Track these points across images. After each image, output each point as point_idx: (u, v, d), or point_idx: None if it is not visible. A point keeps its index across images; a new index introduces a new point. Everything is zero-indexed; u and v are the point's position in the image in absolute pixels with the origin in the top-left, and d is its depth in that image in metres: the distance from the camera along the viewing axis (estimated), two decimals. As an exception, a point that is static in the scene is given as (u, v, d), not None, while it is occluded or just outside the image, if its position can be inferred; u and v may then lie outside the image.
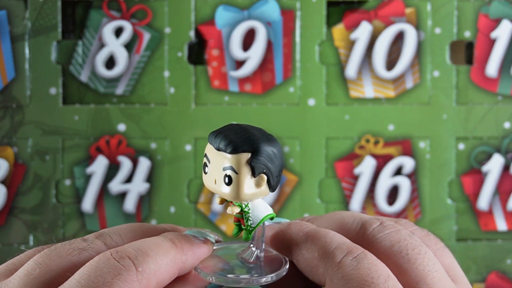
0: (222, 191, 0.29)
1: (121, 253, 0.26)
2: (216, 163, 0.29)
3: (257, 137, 0.28)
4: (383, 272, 0.27)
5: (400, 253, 0.29)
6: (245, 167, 0.28)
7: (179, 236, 0.29)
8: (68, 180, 0.65)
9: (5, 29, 0.63)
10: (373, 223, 0.30)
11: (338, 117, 0.65)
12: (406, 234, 0.30)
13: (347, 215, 0.32)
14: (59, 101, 0.64)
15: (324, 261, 0.28)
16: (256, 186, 0.28)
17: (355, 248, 0.28)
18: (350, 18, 0.65)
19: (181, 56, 0.65)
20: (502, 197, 0.66)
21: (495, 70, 0.66)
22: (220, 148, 0.28)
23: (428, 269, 0.28)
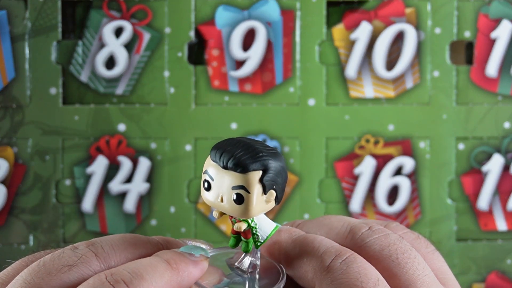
0: (231, 210, 0.28)
1: (116, 276, 0.25)
2: (222, 181, 0.28)
3: (264, 153, 0.28)
4: (373, 276, 0.27)
5: (390, 257, 0.28)
6: (256, 185, 0.28)
7: (174, 256, 0.28)
8: (68, 180, 0.65)
9: (5, 29, 0.63)
10: (362, 228, 0.30)
11: (338, 117, 0.65)
12: (395, 238, 0.29)
13: (335, 220, 0.32)
14: (59, 101, 0.64)
15: (312, 267, 0.28)
16: (266, 202, 0.28)
17: (344, 251, 0.28)
18: (350, 18, 0.65)
19: (181, 56, 0.65)
20: (502, 197, 0.66)
21: (495, 70, 0.66)
22: (229, 167, 0.27)
23: (418, 273, 0.28)
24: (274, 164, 0.28)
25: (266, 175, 0.28)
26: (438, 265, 0.31)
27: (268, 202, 0.28)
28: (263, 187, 0.28)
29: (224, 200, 0.28)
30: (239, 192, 0.28)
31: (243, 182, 0.27)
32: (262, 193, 0.28)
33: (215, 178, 0.28)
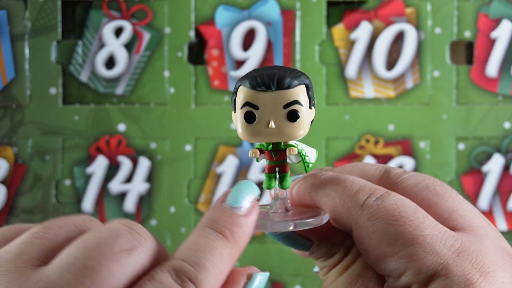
0: (284, 131, 0.27)
1: (181, 274, 0.24)
2: (271, 104, 0.27)
3: (298, 70, 0.28)
4: (410, 205, 0.26)
5: (427, 188, 0.28)
6: (306, 98, 0.28)
7: (227, 222, 0.26)
8: (68, 180, 0.64)
9: (5, 29, 0.63)
10: (396, 169, 0.30)
11: (338, 117, 0.65)
12: (428, 176, 0.29)
13: (368, 165, 0.31)
14: (59, 101, 0.64)
15: (347, 207, 0.27)
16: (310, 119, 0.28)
17: (378, 189, 0.27)
18: (350, 18, 0.65)
19: (181, 56, 0.65)
20: (502, 197, 0.66)
21: (495, 70, 0.66)
22: (277, 85, 0.27)
23: (458, 201, 0.28)
24: (309, 80, 0.28)
25: (309, 89, 0.28)
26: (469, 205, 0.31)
27: (311, 117, 0.28)
28: (309, 100, 0.28)
29: (277, 124, 0.27)
30: (293, 108, 0.27)
31: (295, 97, 0.27)
32: (309, 108, 0.28)
33: (260, 105, 0.27)
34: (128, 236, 0.25)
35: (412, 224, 0.26)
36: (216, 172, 0.65)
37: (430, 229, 0.26)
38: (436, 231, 0.26)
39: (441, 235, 0.26)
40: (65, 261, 0.23)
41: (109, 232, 0.24)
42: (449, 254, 0.25)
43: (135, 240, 0.25)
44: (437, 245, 0.25)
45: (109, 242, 0.24)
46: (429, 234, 0.26)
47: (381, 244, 0.26)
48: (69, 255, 0.23)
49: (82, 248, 0.24)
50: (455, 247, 0.25)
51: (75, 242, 0.24)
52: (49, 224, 0.25)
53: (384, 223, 0.26)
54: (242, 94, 0.28)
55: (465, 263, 0.25)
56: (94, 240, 0.24)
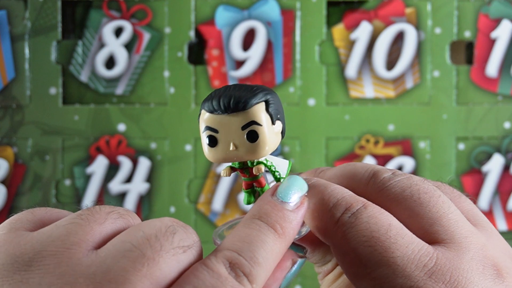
0: (246, 152, 0.27)
1: (236, 268, 0.24)
2: (229, 127, 0.27)
3: (258, 87, 0.28)
4: (384, 222, 0.26)
5: (412, 197, 0.27)
6: (265, 117, 0.27)
7: (278, 216, 0.26)
8: (68, 180, 0.65)
9: (5, 29, 0.63)
10: (385, 172, 0.29)
11: (338, 117, 0.65)
12: (417, 179, 0.28)
13: (360, 165, 0.30)
14: (59, 101, 0.64)
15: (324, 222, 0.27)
16: (276, 134, 0.28)
17: (355, 203, 0.27)
18: (350, 18, 0.65)
19: (181, 56, 0.65)
20: (502, 197, 0.66)
21: (495, 70, 0.66)
22: (232, 108, 0.27)
23: (443, 211, 0.27)
24: (271, 95, 0.28)
25: (270, 105, 0.27)
26: (467, 208, 0.30)
27: (278, 133, 0.28)
28: (270, 117, 0.27)
29: (238, 146, 0.27)
30: (251, 129, 0.27)
31: (252, 117, 0.27)
32: (271, 124, 0.28)
33: (219, 128, 0.27)
34: (184, 234, 0.25)
35: (382, 245, 0.25)
36: (216, 172, 0.65)
37: (402, 250, 0.25)
38: (409, 251, 0.25)
39: (414, 255, 0.25)
40: (121, 247, 0.23)
41: (165, 226, 0.24)
42: (420, 276, 0.24)
43: (190, 239, 0.25)
44: (408, 266, 0.25)
45: (168, 236, 0.24)
46: (399, 255, 0.25)
47: (354, 264, 0.26)
48: (126, 242, 0.23)
49: (140, 237, 0.23)
50: (428, 267, 0.25)
51: (129, 230, 0.24)
52: (94, 208, 0.25)
53: (356, 243, 0.25)
54: (203, 118, 0.28)
55: (437, 284, 0.24)
56: (152, 231, 0.24)
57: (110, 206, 0.26)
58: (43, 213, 0.26)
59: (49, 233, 0.23)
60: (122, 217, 0.26)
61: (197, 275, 0.23)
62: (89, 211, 0.25)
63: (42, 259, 0.22)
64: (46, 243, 0.23)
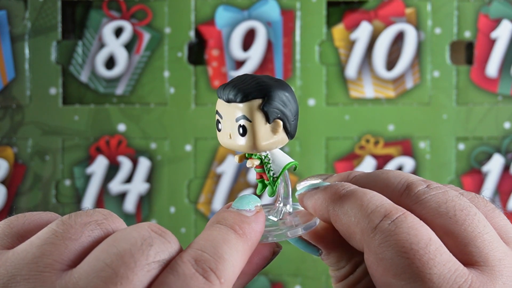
0: (238, 143, 0.27)
1: (202, 264, 0.24)
2: (228, 116, 0.27)
3: (266, 82, 0.27)
4: (424, 236, 0.25)
5: (447, 214, 0.26)
6: (258, 114, 0.27)
7: (236, 220, 0.27)
8: (68, 180, 0.64)
9: (5, 29, 0.63)
10: (420, 185, 0.28)
11: (338, 117, 0.65)
12: (453, 195, 0.27)
13: (393, 175, 0.29)
14: (59, 101, 0.64)
15: (360, 228, 0.26)
16: (272, 133, 0.27)
17: (395, 211, 0.26)
18: (350, 18, 0.65)
19: (181, 56, 0.65)
20: (502, 197, 0.66)
21: (495, 70, 0.66)
22: (230, 99, 0.27)
23: (478, 231, 0.26)
24: (277, 92, 0.27)
25: (267, 102, 0.27)
26: (500, 224, 0.29)
27: (276, 132, 0.28)
28: (265, 115, 0.27)
29: (232, 136, 0.27)
30: (242, 123, 0.27)
31: (243, 111, 0.27)
32: (265, 122, 0.27)
33: (223, 115, 0.28)
34: (161, 245, 0.24)
35: (421, 259, 0.25)
36: (216, 172, 0.65)
37: (439, 267, 0.25)
38: (446, 270, 0.25)
39: (450, 275, 0.25)
40: (94, 267, 0.23)
41: (142, 239, 0.24)
42: None
43: (167, 250, 0.24)
44: (443, 286, 0.24)
45: (144, 250, 0.23)
46: (436, 273, 0.24)
47: (388, 273, 0.25)
48: (99, 260, 0.23)
49: (114, 254, 0.23)
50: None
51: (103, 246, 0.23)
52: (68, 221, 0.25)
53: (394, 253, 0.25)
54: (217, 102, 0.28)
55: None
56: (126, 246, 0.23)
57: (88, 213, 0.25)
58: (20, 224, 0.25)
59: (23, 254, 0.23)
60: (100, 226, 0.25)
61: (165, 281, 0.23)
62: (64, 226, 0.24)
63: (16, 284, 0.22)
64: (20, 267, 0.22)
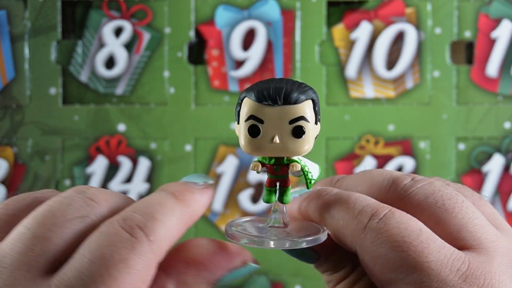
0: (289, 146, 0.27)
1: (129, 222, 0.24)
2: (276, 119, 0.27)
3: (305, 84, 0.27)
4: (414, 227, 0.26)
5: (436, 204, 0.27)
6: (311, 114, 0.27)
7: (179, 187, 0.26)
8: (68, 180, 0.64)
9: (5, 29, 0.63)
10: (405, 179, 0.29)
11: (338, 117, 0.65)
12: (439, 185, 0.28)
13: (377, 173, 0.30)
14: (59, 101, 0.64)
15: (350, 230, 0.27)
16: (315, 135, 0.28)
17: (381, 209, 0.26)
18: (350, 18, 0.65)
19: (181, 56, 0.65)
20: (502, 197, 0.66)
21: (495, 70, 0.66)
22: (283, 101, 0.26)
23: (469, 217, 0.27)
24: (316, 95, 0.28)
25: (316, 104, 0.28)
26: (488, 211, 0.29)
27: (317, 133, 0.28)
28: (315, 116, 0.28)
29: (281, 139, 0.27)
30: (298, 125, 0.27)
31: (301, 112, 0.27)
32: (315, 123, 0.28)
33: (265, 119, 0.27)
34: (81, 202, 0.25)
35: (415, 250, 0.25)
36: (216, 172, 0.65)
37: (435, 254, 0.25)
38: (442, 255, 0.25)
39: (447, 260, 0.25)
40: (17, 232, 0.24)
41: (61, 200, 0.25)
42: (455, 279, 0.24)
43: (87, 206, 0.25)
44: (443, 271, 0.25)
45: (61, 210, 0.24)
46: (433, 259, 0.25)
47: (386, 269, 0.25)
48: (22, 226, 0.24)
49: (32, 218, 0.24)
50: (462, 271, 0.25)
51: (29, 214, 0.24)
52: (8, 200, 0.26)
53: (387, 248, 0.25)
54: (247, 107, 0.27)
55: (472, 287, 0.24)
56: (45, 209, 0.24)
57: (29, 192, 0.26)
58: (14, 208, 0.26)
59: None
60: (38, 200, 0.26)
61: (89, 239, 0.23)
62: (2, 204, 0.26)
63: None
64: None
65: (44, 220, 0.24)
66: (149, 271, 0.23)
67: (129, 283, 0.23)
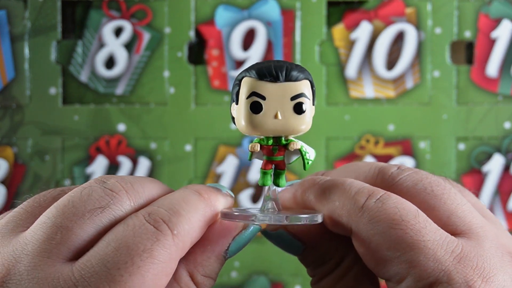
0: (291, 122, 0.27)
1: (154, 216, 0.24)
2: (278, 95, 0.27)
3: (301, 66, 0.28)
4: (412, 208, 0.26)
5: (425, 190, 0.28)
6: (310, 94, 0.28)
7: (204, 187, 0.28)
8: (68, 180, 0.65)
9: (5, 29, 0.63)
10: (391, 168, 0.29)
11: (338, 117, 0.65)
12: (426, 173, 0.29)
13: (362, 164, 0.30)
14: (59, 101, 0.64)
15: (346, 209, 0.27)
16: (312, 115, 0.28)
17: (377, 191, 0.27)
18: (350, 18, 0.65)
19: (181, 56, 0.65)
20: (502, 197, 0.66)
21: (495, 70, 0.66)
22: (286, 77, 0.27)
23: (457, 203, 0.27)
24: (311, 77, 0.28)
25: (313, 85, 0.28)
26: (472, 201, 0.30)
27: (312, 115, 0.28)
28: (313, 97, 0.28)
29: (282, 115, 0.27)
30: (300, 101, 0.27)
31: (302, 89, 0.27)
32: (311, 104, 0.28)
33: (267, 95, 0.27)
34: (101, 193, 0.25)
35: (413, 228, 0.25)
36: (216, 172, 0.65)
37: (431, 235, 0.25)
38: (437, 237, 0.25)
39: (442, 241, 0.25)
40: (39, 221, 0.25)
41: (81, 191, 0.26)
42: (450, 260, 0.25)
43: (107, 196, 0.25)
44: (439, 251, 0.25)
45: (82, 200, 0.25)
46: (430, 239, 0.25)
47: (382, 247, 0.26)
48: (44, 216, 0.25)
49: (54, 208, 0.25)
50: (456, 253, 0.25)
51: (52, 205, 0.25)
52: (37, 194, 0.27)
53: (385, 226, 0.25)
54: (248, 85, 0.27)
55: (466, 269, 0.25)
56: (66, 199, 0.25)
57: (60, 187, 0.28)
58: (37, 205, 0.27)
59: None
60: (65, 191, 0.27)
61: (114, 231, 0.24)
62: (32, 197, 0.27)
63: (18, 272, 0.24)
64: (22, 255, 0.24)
65: (64, 210, 0.25)
66: (172, 264, 0.24)
67: (151, 273, 0.23)
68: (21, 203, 0.27)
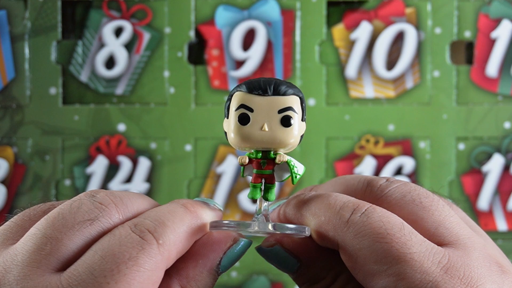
0: (277, 134, 0.28)
1: (140, 226, 0.25)
2: (266, 108, 0.28)
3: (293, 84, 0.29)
4: (397, 221, 0.26)
5: (413, 201, 0.28)
6: (299, 109, 0.28)
7: (190, 201, 0.28)
8: (68, 180, 0.65)
9: (5, 29, 0.63)
10: (380, 180, 0.29)
11: (338, 117, 0.65)
12: (414, 185, 0.29)
13: (350, 177, 0.30)
14: (59, 101, 0.64)
15: (332, 224, 0.27)
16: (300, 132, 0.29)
17: (362, 204, 0.27)
18: (350, 18, 0.65)
19: (181, 56, 0.65)
20: (502, 197, 0.66)
21: (495, 70, 0.66)
22: (274, 90, 0.28)
23: (445, 214, 0.27)
24: (302, 95, 0.29)
25: (303, 102, 0.29)
26: (461, 215, 0.30)
27: (302, 132, 0.29)
28: (302, 112, 0.29)
29: (269, 127, 0.28)
30: (286, 114, 0.28)
31: (290, 103, 0.28)
32: (301, 120, 0.29)
33: (255, 108, 0.28)
34: (90, 206, 0.26)
35: (399, 241, 0.25)
36: (216, 172, 0.65)
37: (417, 247, 0.25)
38: (423, 248, 0.26)
39: (429, 252, 0.25)
40: (29, 233, 0.25)
41: (71, 204, 0.26)
42: (437, 271, 0.25)
43: (96, 209, 0.26)
44: (425, 262, 0.25)
45: (72, 213, 0.26)
46: (416, 251, 0.25)
47: (369, 261, 0.26)
48: (34, 228, 0.26)
49: (44, 220, 0.26)
50: (443, 264, 0.25)
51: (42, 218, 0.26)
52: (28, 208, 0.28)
53: (371, 240, 0.26)
54: (238, 98, 0.28)
55: (453, 279, 0.25)
56: (56, 212, 0.26)
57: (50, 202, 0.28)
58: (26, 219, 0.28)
59: None
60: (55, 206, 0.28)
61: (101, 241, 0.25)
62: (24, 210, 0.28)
63: None
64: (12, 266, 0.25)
65: (54, 222, 0.25)
66: (158, 273, 0.25)
67: (137, 280, 0.24)
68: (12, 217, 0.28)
